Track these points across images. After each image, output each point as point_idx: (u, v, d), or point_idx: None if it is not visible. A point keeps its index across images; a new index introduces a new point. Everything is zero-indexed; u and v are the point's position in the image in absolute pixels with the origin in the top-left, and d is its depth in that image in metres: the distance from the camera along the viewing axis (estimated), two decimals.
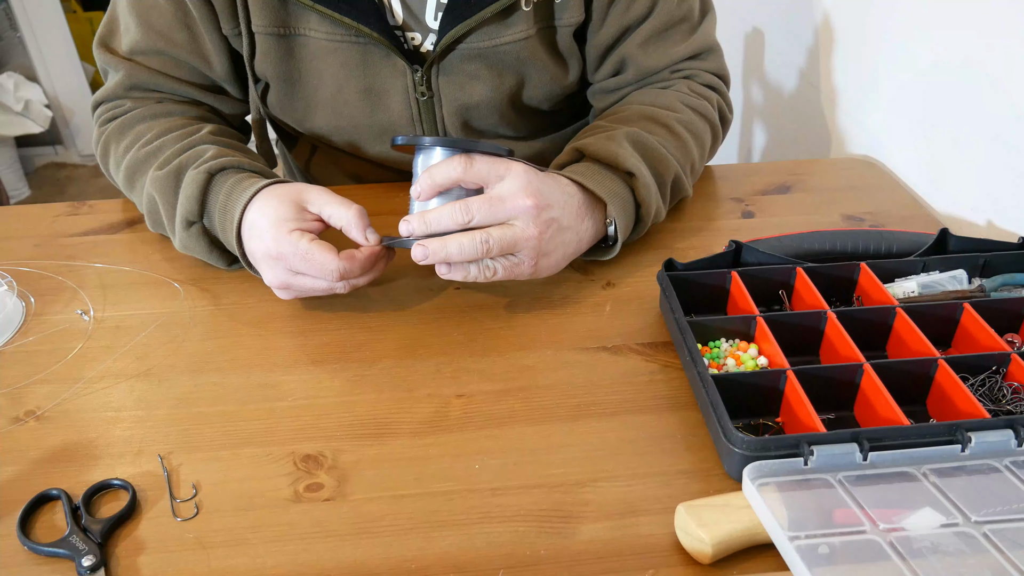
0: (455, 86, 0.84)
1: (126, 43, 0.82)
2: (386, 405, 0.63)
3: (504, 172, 0.66)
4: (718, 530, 0.49)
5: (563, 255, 0.71)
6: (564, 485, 0.56)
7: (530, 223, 0.66)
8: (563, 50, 0.86)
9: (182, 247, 0.76)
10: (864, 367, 0.59)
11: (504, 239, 0.65)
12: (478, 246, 0.64)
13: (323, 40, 0.80)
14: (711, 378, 0.58)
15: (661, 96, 0.84)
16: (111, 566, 0.52)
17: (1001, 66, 0.78)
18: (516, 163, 0.67)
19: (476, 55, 0.82)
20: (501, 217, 0.65)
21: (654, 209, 0.76)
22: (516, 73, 0.85)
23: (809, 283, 0.67)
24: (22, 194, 2.84)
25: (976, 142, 0.83)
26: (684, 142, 0.81)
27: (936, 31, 0.88)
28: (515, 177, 0.66)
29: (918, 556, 0.46)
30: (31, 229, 0.88)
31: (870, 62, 1.02)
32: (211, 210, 0.72)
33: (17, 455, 0.60)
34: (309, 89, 0.85)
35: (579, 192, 0.71)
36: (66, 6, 2.79)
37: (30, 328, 0.73)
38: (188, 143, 0.77)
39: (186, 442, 0.61)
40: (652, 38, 0.85)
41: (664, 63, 0.86)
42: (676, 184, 0.80)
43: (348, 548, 0.52)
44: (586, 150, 0.75)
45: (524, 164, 0.68)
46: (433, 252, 0.65)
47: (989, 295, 0.67)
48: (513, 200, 0.65)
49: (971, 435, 0.52)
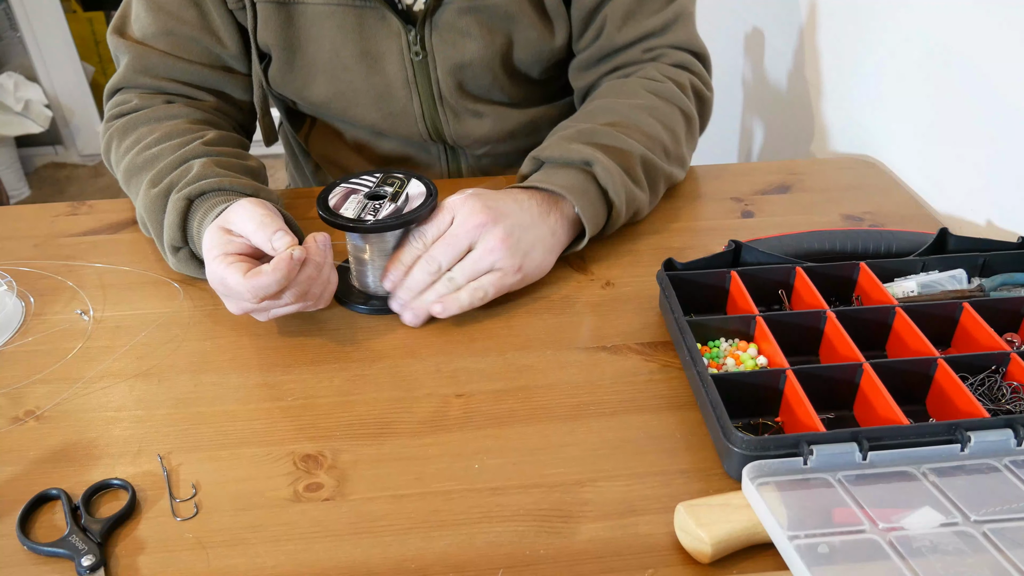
0: (447, 44, 0.86)
1: (137, 29, 0.84)
2: (386, 405, 0.63)
3: (449, 213, 0.70)
4: (718, 529, 0.49)
5: (544, 250, 0.73)
6: (564, 485, 0.56)
7: (489, 236, 0.69)
8: (550, 9, 0.88)
9: (175, 268, 0.76)
10: (864, 367, 0.59)
11: (468, 265, 0.69)
12: (446, 284, 0.70)
13: (320, 5, 0.83)
14: (711, 378, 0.58)
15: (624, 86, 0.86)
16: (111, 566, 0.52)
17: (1001, 66, 0.78)
18: (453, 197, 0.71)
19: (466, 10, 0.84)
20: (463, 249, 0.70)
21: (625, 195, 0.77)
22: (505, 32, 0.87)
23: (808, 283, 0.67)
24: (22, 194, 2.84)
25: (976, 142, 0.83)
26: (647, 126, 0.81)
27: (936, 31, 0.88)
28: (459, 209, 0.70)
29: (917, 555, 0.46)
30: (31, 229, 0.88)
31: (870, 62, 1.02)
32: (192, 236, 0.73)
33: (17, 455, 0.60)
34: (308, 57, 0.87)
35: (535, 195, 0.74)
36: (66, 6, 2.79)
37: (30, 328, 0.73)
38: (182, 155, 0.76)
39: (186, 442, 0.61)
40: (632, 3, 0.86)
41: (637, 34, 0.87)
42: (649, 167, 0.80)
43: (347, 548, 0.52)
44: (541, 155, 0.78)
45: (463, 192, 0.71)
46: (415, 311, 0.70)
47: (988, 295, 0.67)
48: (465, 228, 0.69)
49: (970, 434, 0.52)
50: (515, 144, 0.98)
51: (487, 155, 0.99)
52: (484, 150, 0.97)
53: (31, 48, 2.79)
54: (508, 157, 1.00)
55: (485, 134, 0.95)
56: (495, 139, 0.96)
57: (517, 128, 0.96)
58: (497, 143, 0.97)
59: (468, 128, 0.93)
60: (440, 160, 0.99)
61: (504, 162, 1.00)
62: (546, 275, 0.76)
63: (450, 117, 0.92)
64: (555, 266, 0.78)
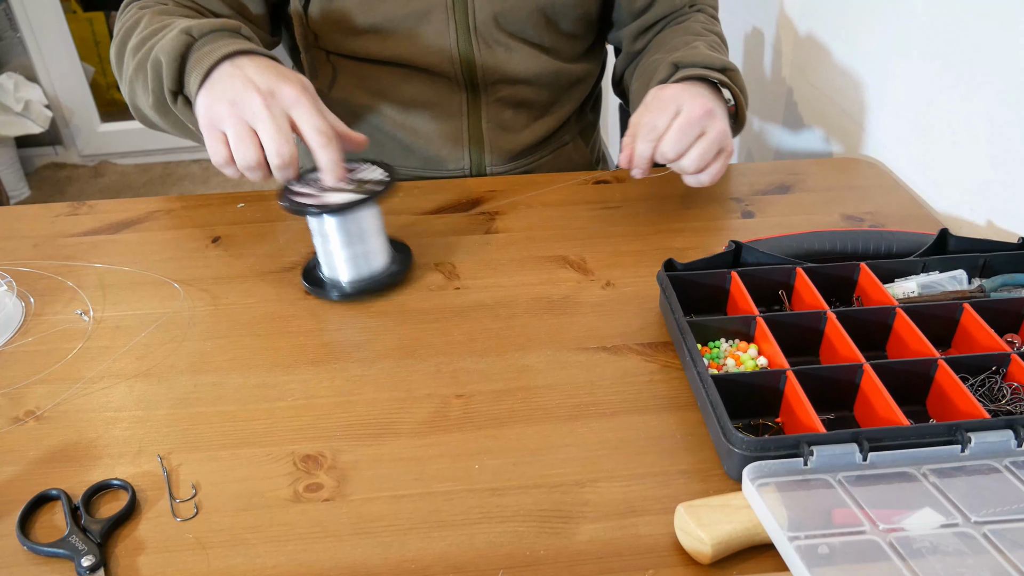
0: None
1: None
2: (386, 405, 0.63)
3: (673, 104, 0.76)
4: (718, 530, 0.49)
5: (722, 114, 0.79)
6: (564, 485, 0.56)
7: (714, 124, 0.76)
8: None
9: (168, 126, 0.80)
10: (864, 367, 0.59)
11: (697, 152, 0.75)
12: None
13: None
14: (711, 378, 0.58)
15: (688, 28, 0.95)
16: (111, 566, 0.52)
17: (1001, 66, 0.78)
18: (668, 90, 0.78)
19: None
20: (694, 136, 0.75)
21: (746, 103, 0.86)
22: None
23: (809, 283, 0.67)
24: (22, 194, 2.84)
25: (976, 142, 0.83)
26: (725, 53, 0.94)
27: (936, 31, 0.88)
28: (684, 101, 0.76)
29: (918, 556, 0.46)
30: (31, 229, 0.88)
31: (870, 62, 1.02)
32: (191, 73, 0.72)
33: (17, 455, 0.60)
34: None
35: (698, 83, 0.80)
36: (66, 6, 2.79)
37: (30, 328, 0.73)
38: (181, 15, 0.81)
39: (186, 442, 0.61)
40: None
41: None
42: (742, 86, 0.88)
43: (347, 548, 0.52)
44: (683, 61, 0.84)
45: (667, 87, 0.79)
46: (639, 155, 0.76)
47: (989, 295, 0.67)
48: (694, 116, 0.75)
49: (971, 435, 0.52)
50: (535, 92, 1.00)
51: (507, 100, 0.99)
52: (507, 92, 0.98)
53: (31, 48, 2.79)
54: (525, 108, 1.01)
55: (513, 71, 0.96)
56: (520, 79, 0.97)
57: (542, 74, 0.98)
58: (521, 85, 0.98)
59: (498, 60, 0.95)
60: (462, 106, 0.99)
61: (523, 112, 1.01)
62: (546, 275, 0.77)
63: (482, 47, 0.94)
64: (555, 266, 0.78)
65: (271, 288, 0.77)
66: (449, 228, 0.86)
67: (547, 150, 1.06)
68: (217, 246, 0.84)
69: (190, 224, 0.89)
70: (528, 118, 1.02)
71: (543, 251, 0.81)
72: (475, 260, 0.80)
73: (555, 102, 1.02)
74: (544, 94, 1.00)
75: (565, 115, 1.05)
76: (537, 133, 1.03)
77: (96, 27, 3.04)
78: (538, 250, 0.82)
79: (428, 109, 0.99)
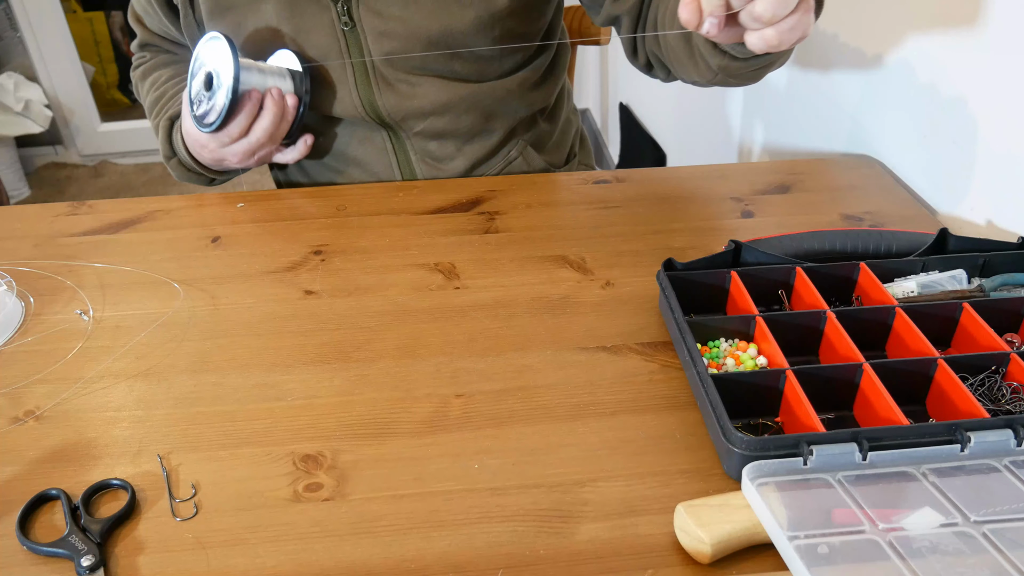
0: (373, 13, 0.89)
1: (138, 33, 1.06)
2: (385, 405, 0.63)
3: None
4: (717, 530, 0.49)
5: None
6: (563, 485, 0.56)
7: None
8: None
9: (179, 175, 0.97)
10: (863, 367, 0.59)
11: None
12: None
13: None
14: (711, 378, 0.58)
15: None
16: (110, 566, 0.52)
17: (1000, 66, 0.78)
18: None
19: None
20: None
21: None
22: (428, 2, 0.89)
23: (808, 283, 0.67)
24: (22, 194, 2.84)
25: (975, 142, 0.83)
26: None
27: (936, 31, 0.88)
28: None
29: (917, 556, 0.46)
30: (31, 229, 0.88)
31: (870, 62, 1.02)
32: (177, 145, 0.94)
33: (16, 455, 0.60)
34: (255, 39, 0.93)
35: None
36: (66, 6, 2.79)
37: (29, 328, 0.73)
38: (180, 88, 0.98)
39: (185, 442, 0.61)
40: None
41: None
42: None
43: (347, 548, 0.52)
44: None
45: None
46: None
47: (988, 295, 0.67)
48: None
49: (970, 435, 0.52)
50: (454, 120, 0.97)
51: (426, 133, 0.97)
52: (423, 126, 0.96)
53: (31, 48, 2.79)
54: (449, 137, 0.98)
55: (419, 106, 0.94)
56: (430, 111, 0.95)
57: (455, 101, 0.95)
58: (434, 117, 0.96)
59: (400, 98, 0.93)
60: (387, 149, 0.99)
61: (448, 141, 0.99)
62: (545, 275, 0.77)
63: (382, 87, 0.92)
64: (555, 266, 0.78)
65: (271, 288, 0.77)
66: (449, 228, 0.86)
67: (493, 168, 1.02)
68: (217, 246, 0.84)
69: (190, 224, 0.89)
70: (455, 146, 0.99)
71: (543, 251, 0.81)
72: (475, 260, 0.80)
73: (484, 124, 0.97)
74: (466, 120, 0.97)
75: (504, 132, 1.01)
76: (473, 157, 1.00)
77: (96, 27, 3.04)
78: (538, 250, 0.82)
79: (357, 149, 0.99)
